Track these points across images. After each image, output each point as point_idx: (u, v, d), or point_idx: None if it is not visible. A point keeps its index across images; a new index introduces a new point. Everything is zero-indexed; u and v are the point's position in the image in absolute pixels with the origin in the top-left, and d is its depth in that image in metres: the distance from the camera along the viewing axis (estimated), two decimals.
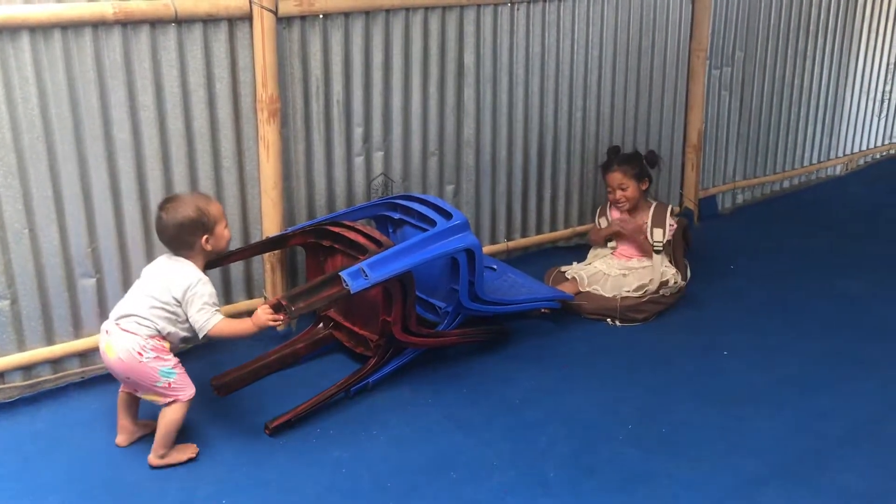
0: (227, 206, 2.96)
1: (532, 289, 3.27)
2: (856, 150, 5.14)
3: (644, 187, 3.48)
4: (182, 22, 2.69)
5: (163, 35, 2.68)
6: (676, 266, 3.47)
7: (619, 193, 3.45)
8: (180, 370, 2.43)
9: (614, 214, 3.56)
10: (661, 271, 3.38)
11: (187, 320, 2.43)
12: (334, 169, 3.17)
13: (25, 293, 2.65)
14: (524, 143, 3.66)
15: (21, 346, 2.70)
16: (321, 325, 3.07)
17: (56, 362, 2.77)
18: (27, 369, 2.72)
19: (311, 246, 3.00)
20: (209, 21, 2.75)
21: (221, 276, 3.05)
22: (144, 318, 2.38)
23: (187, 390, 2.43)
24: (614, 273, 3.41)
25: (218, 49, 2.79)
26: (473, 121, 3.47)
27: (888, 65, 5.09)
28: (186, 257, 2.48)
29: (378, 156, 3.26)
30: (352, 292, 2.50)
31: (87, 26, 2.54)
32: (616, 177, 3.45)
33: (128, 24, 2.60)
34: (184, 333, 2.45)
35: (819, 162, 4.92)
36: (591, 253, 3.63)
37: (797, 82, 4.59)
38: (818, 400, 2.78)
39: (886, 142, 5.35)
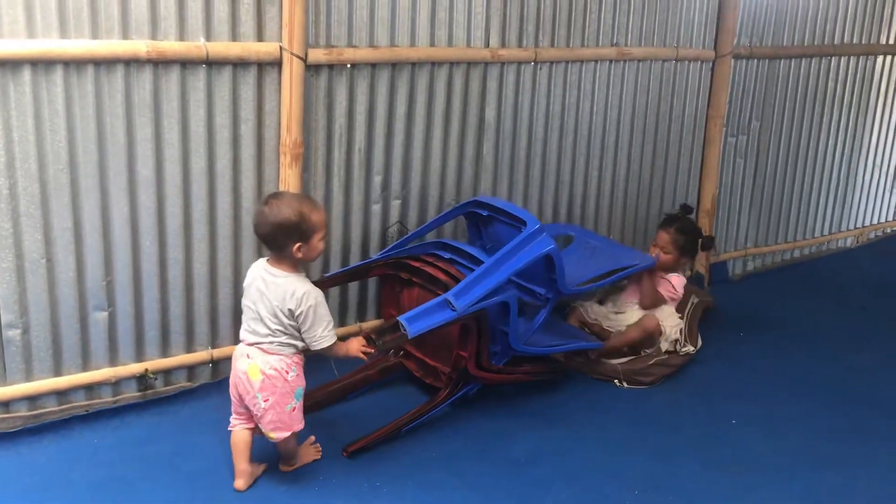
0: (245, 247, 2.97)
1: (614, 255, 3.37)
2: (867, 223, 5.16)
3: (683, 262, 3.55)
4: (213, 64, 2.74)
5: (192, 76, 2.72)
6: (689, 334, 3.48)
7: (658, 252, 3.51)
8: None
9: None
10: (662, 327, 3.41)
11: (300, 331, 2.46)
12: (352, 215, 3.19)
13: (37, 323, 2.65)
14: (539, 200, 3.68)
15: (28, 375, 2.69)
16: (391, 353, 3.13)
17: (62, 394, 2.75)
18: (32, 399, 2.71)
19: (389, 277, 3.06)
20: (239, 64, 2.79)
21: None
22: (281, 341, 2.41)
23: (302, 421, 2.49)
24: (609, 309, 3.50)
25: (246, 92, 2.83)
26: (491, 175, 3.50)
27: None
28: (278, 259, 2.46)
29: (395, 204, 3.28)
30: (409, 337, 2.54)
31: (119, 63, 2.59)
32: (665, 238, 3.51)
33: (159, 63, 2.65)
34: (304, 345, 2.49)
35: (830, 233, 4.94)
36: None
37: (811, 153, 4.63)
38: (828, 475, 2.74)
39: None
